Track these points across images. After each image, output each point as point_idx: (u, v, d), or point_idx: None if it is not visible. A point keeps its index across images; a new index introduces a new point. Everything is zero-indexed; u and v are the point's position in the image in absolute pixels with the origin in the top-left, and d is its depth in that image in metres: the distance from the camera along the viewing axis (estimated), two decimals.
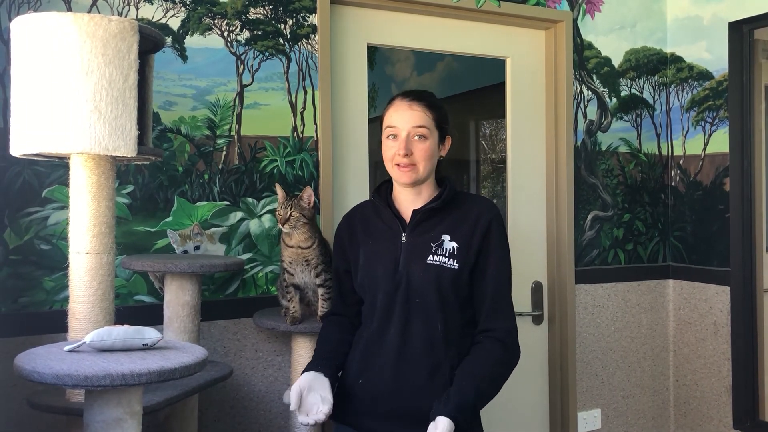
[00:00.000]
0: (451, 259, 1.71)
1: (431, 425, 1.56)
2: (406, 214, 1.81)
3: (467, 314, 1.75)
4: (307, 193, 2.04)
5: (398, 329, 1.73)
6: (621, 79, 3.09)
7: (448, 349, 1.70)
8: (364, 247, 1.82)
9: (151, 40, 1.77)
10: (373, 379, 1.74)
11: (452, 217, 1.76)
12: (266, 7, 2.41)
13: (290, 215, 2.00)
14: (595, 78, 3.03)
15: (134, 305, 2.20)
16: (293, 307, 2.09)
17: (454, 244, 1.72)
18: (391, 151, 1.76)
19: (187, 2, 2.29)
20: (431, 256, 1.72)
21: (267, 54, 2.41)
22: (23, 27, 1.62)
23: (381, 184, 1.89)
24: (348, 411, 1.77)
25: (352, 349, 1.84)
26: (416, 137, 1.73)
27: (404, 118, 1.74)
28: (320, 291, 2.10)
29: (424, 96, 1.79)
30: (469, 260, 1.72)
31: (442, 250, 1.72)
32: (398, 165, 1.74)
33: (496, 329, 1.70)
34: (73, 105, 1.57)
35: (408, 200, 1.81)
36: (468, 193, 1.88)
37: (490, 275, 1.73)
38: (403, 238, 1.77)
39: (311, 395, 1.67)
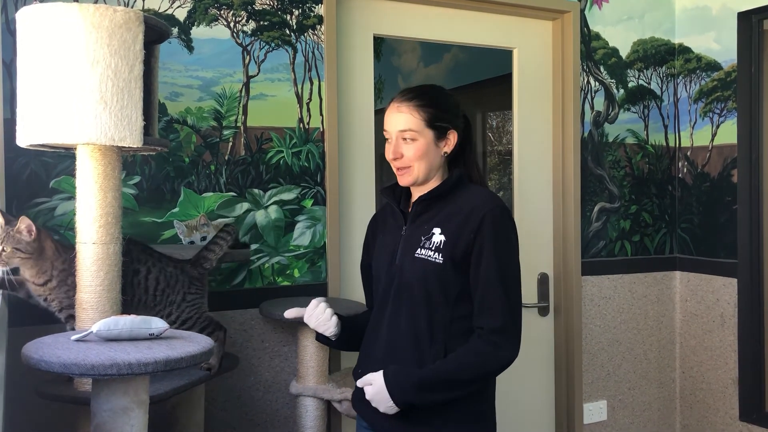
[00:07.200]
0: (437, 253, 1.66)
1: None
2: None
3: (459, 310, 1.68)
4: (25, 223, 1.70)
5: (389, 322, 1.72)
6: (628, 70, 3.08)
7: (432, 345, 1.66)
8: (378, 241, 1.83)
9: (156, 31, 1.76)
10: (366, 370, 1.73)
11: (447, 210, 1.71)
12: None
13: (2, 251, 1.69)
14: (602, 69, 3.01)
15: None
16: None
17: (442, 238, 1.67)
18: (387, 154, 1.75)
19: None
20: (419, 249, 1.69)
21: (273, 45, 2.41)
22: (29, 17, 1.62)
23: None
24: (356, 398, 1.80)
25: None
26: (403, 139, 1.70)
27: (391, 122, 1.72)
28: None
29: (415, 95, 1.71)
30: (454, 255, 1.65)
31: (430, 244, 1.68)
32: (396, 168, 1.74)
33: (483, 327, 1.64)
34: (79, 96, 1.57)
35: (416, 194, 1.78)
36: (474, 186, 1.76)
37: (482, 272, 1.65)
38: (403, 231, 1.75)
39: (325, 315, 1.75)
